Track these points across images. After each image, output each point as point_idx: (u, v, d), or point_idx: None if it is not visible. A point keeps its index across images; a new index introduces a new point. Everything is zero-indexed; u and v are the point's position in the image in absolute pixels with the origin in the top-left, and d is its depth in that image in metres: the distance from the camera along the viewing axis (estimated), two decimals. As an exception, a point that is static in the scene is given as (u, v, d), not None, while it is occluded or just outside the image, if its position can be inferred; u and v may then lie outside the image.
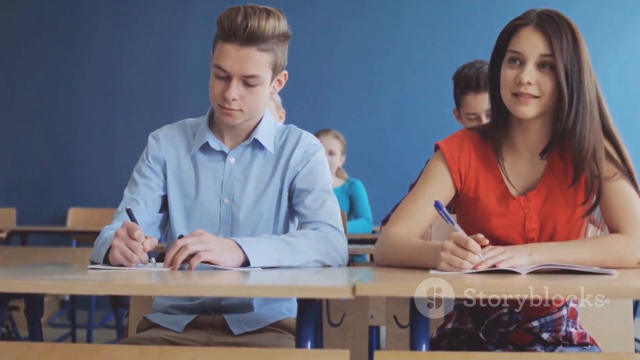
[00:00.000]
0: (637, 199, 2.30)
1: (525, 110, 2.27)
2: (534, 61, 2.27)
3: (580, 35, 2.29)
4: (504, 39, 2.34)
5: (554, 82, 2.26)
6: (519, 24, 2.31)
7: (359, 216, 5.78)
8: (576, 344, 2.36)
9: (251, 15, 2.44)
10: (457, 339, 2.40)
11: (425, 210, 2.34)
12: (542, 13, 2.31)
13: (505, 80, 2.30)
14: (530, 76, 2.25)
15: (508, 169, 2.38)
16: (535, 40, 2.27)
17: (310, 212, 2.53)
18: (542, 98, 2.27)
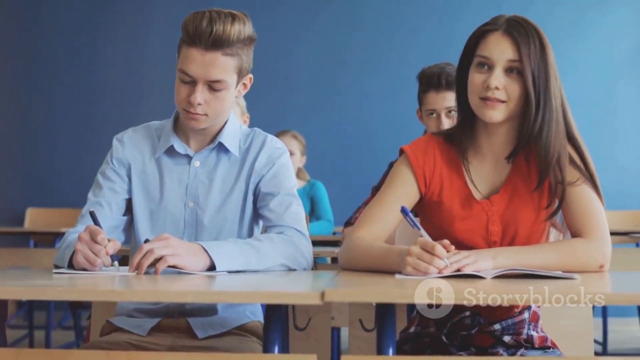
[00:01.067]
0: (599, 204, 2.34)
1: (492, 115, 2.30)
2: (501, 66, 2.29)
3: (547, 42, 2.32)
4: (472, 43, 2.37)
5: (521, 87, 2.29)
6: (487, 30, 2.34)
7: (320, 218, 5.79)
8: (537, 347, 2.39)
9: (216, 20, 2.44)
10: (420, 342, 2.42)
11: (390, 214, 2.36)
12: (510, 19, 2.33)
13: (473, 85, 2.32)
14: (498, 81, 2.28)
15: (472, 172, 2.40)
16: (504, 46, 2.30)
17: (276, 215, 2.54)
18: (509, 103, 2.29)
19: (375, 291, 1.80)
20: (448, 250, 2.08)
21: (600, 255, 2.28)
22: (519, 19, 2.34)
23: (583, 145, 2.40)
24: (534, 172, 2.36)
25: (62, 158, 7.98)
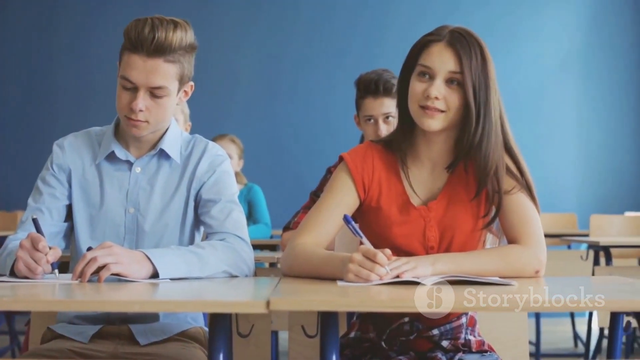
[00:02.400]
0: (535, 212, 2.39)
1: (431, 123, 2.33)
2: (442, 77, 2.33)
3: (488, 55, 2.36)
4: (415, 52, 2.39)
5: (461, 98, 2.33)
6: (431, 40, 2.36)
7: (258, 221, 5.80)
8: (475, 351, 2.43)
9: (158, 26, 2.44)
10: (360, 348, 2.44)
11: (330, 221, 2.39)
12: (454, 31, 2.36)
13: (414, 93, 2.36)
14: (438, 91, 2.31)
15: (411, 178, 2.43)
16: (446, 57, 2.33)
17: (217, 222, 2.55)
18: (448, 113, 2.33)
19: (320, 300, 1.82)
20: (389, 259, 2.11)
21: (536, 261, 2.33)
22: (462, 31, 2.36)
23: (519, 154, 2.45)
24: (472, 181, 2.40)
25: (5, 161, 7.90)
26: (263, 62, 8.14)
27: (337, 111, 7.82)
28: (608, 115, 8.34)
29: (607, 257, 5.23)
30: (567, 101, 8.31)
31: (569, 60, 8.30)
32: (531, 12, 8.27)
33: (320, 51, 8.16)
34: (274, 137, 8.04)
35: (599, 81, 8.34)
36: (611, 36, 8.37)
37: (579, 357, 6.27)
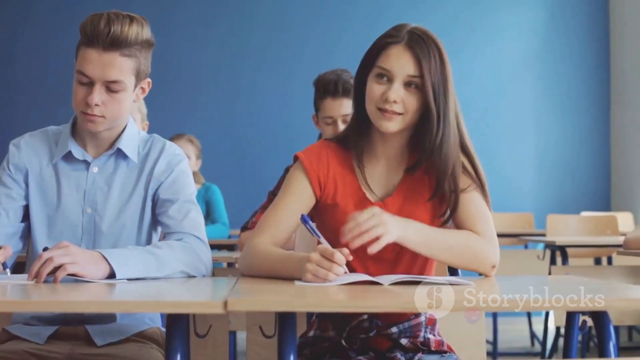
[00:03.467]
0: (488, 210, 2.43)
1: (388, 126, 2.34)
2: (401, 80, 2.33)
3: (446, 56, 2.37)
4: (373, 53, 2.39)
5: (419, 101, 2.33)
6: (389, 42, 2.36)
7: (216, 221, 5.79)
8: (434, 350, 2.44)
9: (114, 20, 2.43)
10: (320, 347, 2.44)
11: (288, 219, 2.39)
12: (413, 32, 2.36)
13: (372, 94, 2.36)
14: (396, 94, 2.32)
15: (367, 175, 2.44)
16: (404, 60, 2.33)
17: (175, 222, 2.54)
18: (406, 115, 2.34)
19: (278, 300, 1.82)
20: (347, 259, 2.11)
21: (493, 256, 2.37)
22: (421, 32, 2.36)
23: (474, 152, 2.47)
24: (428, 179, 2.42)
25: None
26: (222, 61, 8.12)
27: (296, 111, 7.82)
28: (565, 116, 8.41)
29: (564, 256, 5.29)
30: (524, 101, 8.37)
31: (527, 60, 8.37)
32: (488, 12, 8.33)
33: (279, 51, 8.16)
34: (232, 137, 8.02)
35: (557, 81, 8.41)
36: (568, 36, 8.44)
37: (536, 356, 6.32)
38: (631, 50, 8.14)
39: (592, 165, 8.43)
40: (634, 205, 7.94)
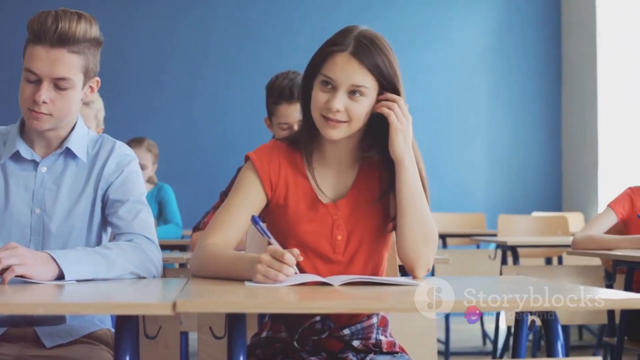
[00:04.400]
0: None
1: (332, 134, 2.34)
2: (345, 89, 2.31)
3: (394, 59, 2.37)
4: (318, 60, 2.37)
5: (365, 108, 2.33)
6: (334, 50, 2.33)
7: (168, 221, 5.76)
8: (385, 351, 2.44)
9: (62, 17, 2.42)
10: (272, 348, 2.43)
11: (239, 220, 2.38)
12: (359, 39, 2.33)
13: (316, 102, 2.35)
14: (340, 104, 2.31)
15: (318, 176, 2.44)
16: (350, 70, 2.31)
17: (124, 223, 2.52)
18: (351, 123, 2.34)
19: (227, 301, 1.82)
20: (297, 260, 2.11)
21: (431, 258, 2.41)
22: (367, 38, 2.33)
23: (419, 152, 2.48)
24: (379, 182, 2.43)
25: None
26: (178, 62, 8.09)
27: (249, 111, 7.81)
28: (517, 117, 8.48)
29: (515, 256, 5.33)
30: (477, 102, 8.43)
31: (479, 61, 8.42)
32: (442, 11, 8.37)
33: (235, 52, 8.14)
34: (185, 136, 8.00)
35: (509, 82, 8.47)
36: (521, 37, 8.51)
37: (488, 355, 6.36)
38: (582, 51, 8.22)
39: (543, 165, 8.50)
40: (585, 206, 8.02)
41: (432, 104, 8.19)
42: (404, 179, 2.34)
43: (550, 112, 8.53)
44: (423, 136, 8.10)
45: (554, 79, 8.54)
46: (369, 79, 2.31)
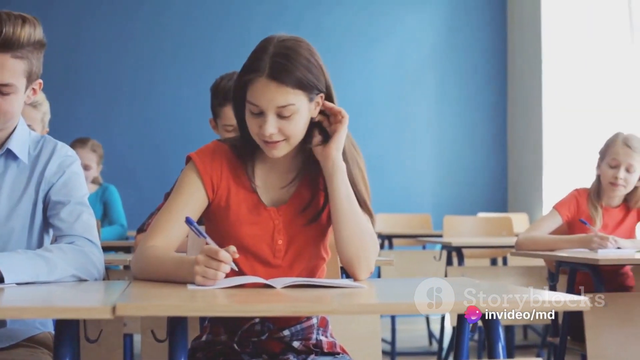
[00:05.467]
0: None
1: (275, 153, 2.34)
2: (273, 112, 2.29)
3: (316, 60, 2.34)
4: (240, 87, 2.35)
5: (298, 123, 2.32)
6: (252, 77, 2.30)
7: (113, 222, 5.72)
8: (326, 352, 2.45)
9: (6, 21, 2.38)
10: (213, 350, 2.43)
11: (180, 222, 2.35)
12: (273, 59, 2.29)
13: (251, 127, 2.34)
14: (272, 128, 2.29)
15: (260, 180, 2.44)
16: (271, 94, 2.27)
17: (66, 225, 2.49)
18: (290, 140, 2.33)
19: (166, 305, 1.81)
20: (234, 257, 2.11)
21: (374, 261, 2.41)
22: (281, 55, 2.29)
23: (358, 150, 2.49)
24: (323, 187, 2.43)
25: None
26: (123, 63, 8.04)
27: (195, 112, 7.78)
28: (463, 118, 8.54)
29: (460, 257, 5.36)
30: (423, 103, 8.47)
31: (427, 62, 8.47)
32: (389, 11, 8.40)
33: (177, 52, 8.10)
34: (130, 137, 7.94)
35: (455, 83, 8.53)
36: (468, 38, 8.57)
37: (434, 355, 6.40)
38: (528, 54, 8.30)
39: (489, 166, 8.57)
40: (530, 207, 8.10)
41: (379, 103, 8.22)
42: (336, 186, 2.36)
43: (496, 114, 8.60)
44: (369, 136, 8.21)
45: (500, 80, 8.61)
46: (292, 96, 2.28)
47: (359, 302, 1.89)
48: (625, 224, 4.26)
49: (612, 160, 4.14)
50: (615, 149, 4.15)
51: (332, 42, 8.07)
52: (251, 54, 2.34)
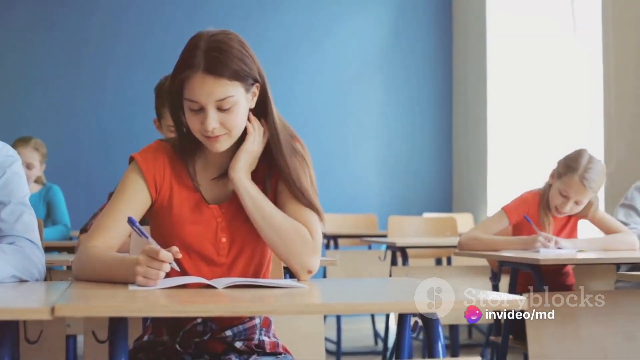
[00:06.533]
0: None
1: (218, 147, 2.35)
2: (213, 106, 2.30)
3: (249, 52, 2.35)
4: (176, 84, 2.34)
5: (238, 115, 2.33)
6: (187, 74, 2.30)
7: (57, 222, 5.67)
8: (269, 352, 2.45)
9: None
10: (155, 351, 2.42)
11: (122, 223, 2.34)
12: (206, 54, 2.30)
13: (192, 126, 2.35)
14: (214, 122, 2.30)
15: (202, 179, 2.44)
16: (208, 88, 2.28)
17: (7, 225, 2.47)
18: (231, 133, 2.34)
19: (106, 305, 1.81)
20: (176, 257, 2.10)
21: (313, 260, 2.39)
22: (215, 49, 2.30)
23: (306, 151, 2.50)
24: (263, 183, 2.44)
25: None
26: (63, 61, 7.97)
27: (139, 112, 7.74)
28: (409, 118, 8.58)
29: (404, 257, 5.39)
30: (369, 103, 8.50)
31: (372, 62, 8.50)
32: (334, 12, 8.42)
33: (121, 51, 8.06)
34: (74, 137, 7.88)
35: (401, 84, 8.57)
36: (413, 40, 8.62)
37: (379, 354, 6.42)
38: (473, 55, 8.37)
39: (434, 167, 8.62)
40: (474, 207, 8.17)
41: (324, 103, 8.24)
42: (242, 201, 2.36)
43: (442, 114, 8.66)
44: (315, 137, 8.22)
45: (445, 81, 8.67)
46: (230, 88, 2.29)
47: (298, 302, 1.90)
48: (569, 226, 4.30)
49: (564, 191, 4.11)
50: (570, 182, 4.09)
51: (278, 43, 8.07)
52: (183, 52, 2.35)
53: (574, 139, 6.88)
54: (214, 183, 2.46)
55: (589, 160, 4.10)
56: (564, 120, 7.31)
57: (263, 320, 2.48)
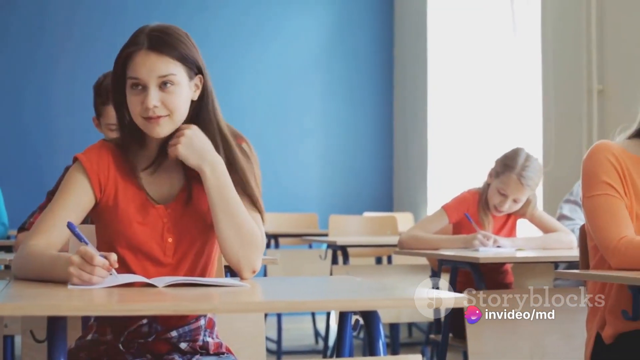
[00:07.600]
0: None
1: (158, 131, 2.34)
2: (155, 84, 2.31)
3: (191, 42, 2.39)
4: (120, 64, 2.37)
5: (181, 96, 2.34)
6: (131, 51, 2.34)
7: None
8: (212, 353, 2.45)
9: None
10: (97, 350, 2.40)
11: (64, 223, 2.32)
12: (151, 33, 2.34)
13: (133, 108, 2.35)
14: (154, 100, 2.31)
15: (147, 179, 2.42)
16: (151, 64, 2.31)
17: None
18: (173, 115, 2.34)
19: (44, 304, 1.79)
20: (113, 266, 2.09)
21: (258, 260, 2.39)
22: (159, 31, 2.35)
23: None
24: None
25: None
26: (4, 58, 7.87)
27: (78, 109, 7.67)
28: (350, 118, 8.61)
29: (345, 256, 5.41)
30: (310, 102, 8.51)
31: (314, 61, 8.51)
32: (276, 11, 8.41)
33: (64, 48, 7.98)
34: (12, 134, 7.78)
35: (343, 83, 8.59)
36: (354, 40, 8.64)
37: (319, 353, 6.43)
38: (413, 55, 8.41)
39: (375, 166, 8.66)
40: (415, 206, 8.21)
41: (265, 102, 8.23)
42: (207, 186, 2.35)
43: (383, 114, 8.70)
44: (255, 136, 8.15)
45: (386, 81, 8.71)
46: (172, 66, 2.32)
47: (241, 300, 1.89)
48: (508, 225, 4.34)
49: (502, 189, 4.13)
50: (508, 181, 4.12)
51: (220, 42, 8.04)
52: (130, 37, 2.37)
53: (513, 138, 6.94)
54: (160, 182, 2.44)
55: (526, 159, 4.14)
56: (504, 119, 7.38)
57: (208, 322, 2.47)
